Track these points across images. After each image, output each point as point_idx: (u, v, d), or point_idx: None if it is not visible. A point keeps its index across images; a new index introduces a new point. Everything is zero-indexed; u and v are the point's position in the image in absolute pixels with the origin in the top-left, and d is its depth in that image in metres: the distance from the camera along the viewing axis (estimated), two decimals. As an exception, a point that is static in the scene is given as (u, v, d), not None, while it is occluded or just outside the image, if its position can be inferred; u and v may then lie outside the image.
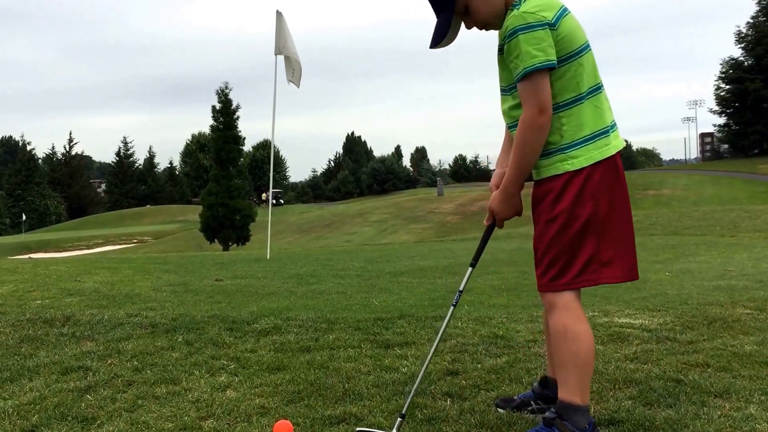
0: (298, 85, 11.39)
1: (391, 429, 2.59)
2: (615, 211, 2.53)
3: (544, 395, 2.87)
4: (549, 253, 2.53)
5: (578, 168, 2.48)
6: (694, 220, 18.87)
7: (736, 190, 41.94)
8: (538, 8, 2.42)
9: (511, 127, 2.64)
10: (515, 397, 2.95)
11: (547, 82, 2.44)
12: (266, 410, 2.90)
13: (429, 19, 2.65)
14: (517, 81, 2.47)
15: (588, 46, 2.54)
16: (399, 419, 2.62)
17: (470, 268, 2.77)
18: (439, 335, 2.77)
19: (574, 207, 2.48)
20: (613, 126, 2.58)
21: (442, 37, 2.60)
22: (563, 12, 2.47)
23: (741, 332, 4.17)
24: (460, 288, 2.76)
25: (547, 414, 2.57)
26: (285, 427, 2.59)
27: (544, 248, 2.55)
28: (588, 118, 2.51)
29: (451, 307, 2.77)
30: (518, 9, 2.43)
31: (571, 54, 2.47)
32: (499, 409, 2.89)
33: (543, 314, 2.83)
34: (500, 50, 2.55)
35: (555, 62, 2.42)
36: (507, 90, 2.62)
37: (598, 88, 2.56)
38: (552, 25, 2.41)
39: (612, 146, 2.53)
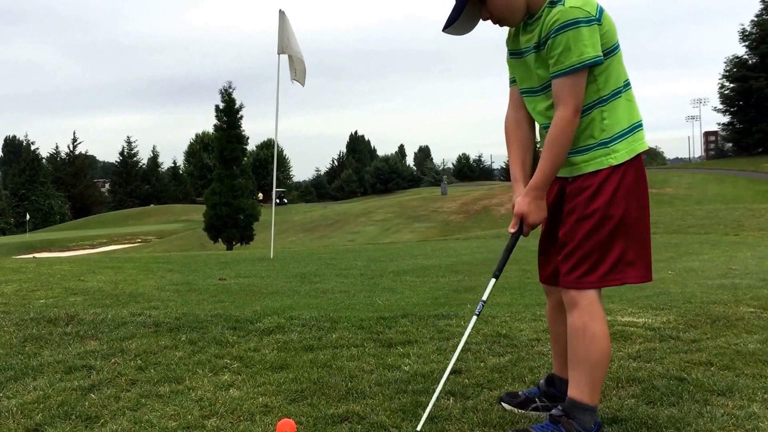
0: (303, 84, 11.41)
1: None
2: (641, 212, 2.53)
3: (549, 393, 2.87)
4: (579, 250, 2.50)
5: (621, 162, 2.48)
6: (697, 218, 18.84)
7: (740, 189, 41.83)
8: (583, 3, 2.40)
9: (546, 127, 2.57)
10: (520, 393, 2.95)
11: (585, 81, 2.43)
12: (269, 409, 2.90)
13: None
14: (554, 76, 2.44)
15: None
16: None
17: (494, 279, 2.69)
18: (461, 345, 2.69)
19: (609, 206, 2.47)
20: (641, 123, 2.60)
21: (454, 19, 2.53)
22: (601, 7, 2.47)
23: (744, 331, 4.17)
24: (483, 298, 2.69)
25: (554, 411, 2.56)
26: (288, 426, 2.59)
27: (575, 245, 2.52)
28: (624, 112, 2.52)
29: (474, 317, 2.69)
30: (563, 4, 2.40)
31: (613, 48, 2.48)
32: (503, 404, 2.89)
33: (558, 311, 2.79)
34: (539, 46, 2.49)
35: (602, 58, 2.42)
36: (540, 90, 2.57)
37: (628, 83, 2.57)
38: (598, 20, 2.41)
39: (644, 142, 2.56)
